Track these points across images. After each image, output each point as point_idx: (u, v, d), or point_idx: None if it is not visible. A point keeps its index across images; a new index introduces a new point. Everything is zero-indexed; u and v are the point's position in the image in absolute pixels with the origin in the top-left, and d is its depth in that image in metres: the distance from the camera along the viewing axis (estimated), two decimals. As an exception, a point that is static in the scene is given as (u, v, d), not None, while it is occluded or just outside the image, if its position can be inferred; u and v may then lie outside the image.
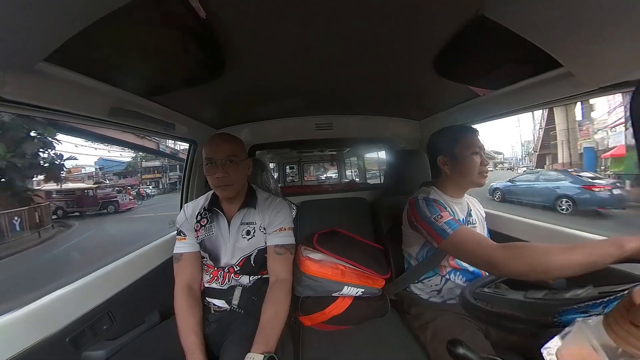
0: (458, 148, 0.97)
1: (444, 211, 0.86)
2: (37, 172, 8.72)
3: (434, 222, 0.84)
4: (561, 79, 0.78)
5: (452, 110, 1.39)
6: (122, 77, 0.79)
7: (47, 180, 9.87)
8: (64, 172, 10.17)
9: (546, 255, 0.62)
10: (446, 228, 0.81)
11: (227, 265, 0.95)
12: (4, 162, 7.48)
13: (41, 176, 9.28)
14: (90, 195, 11.15)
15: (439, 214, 0.85)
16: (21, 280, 4.32)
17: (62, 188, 10.81)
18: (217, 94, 1.06)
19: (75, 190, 11.15)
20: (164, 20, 0.57)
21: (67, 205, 10.58)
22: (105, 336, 0.84)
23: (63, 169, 9.47)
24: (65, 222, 9.46)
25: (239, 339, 0.81)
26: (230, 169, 0.88)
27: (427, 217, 0.87)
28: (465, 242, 0.77)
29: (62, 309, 0.75)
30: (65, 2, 0.43)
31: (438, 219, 0.84)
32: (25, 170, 8.02)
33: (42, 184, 10.15)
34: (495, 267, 0.68)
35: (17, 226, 7.12)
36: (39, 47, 0.51)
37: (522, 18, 0.57)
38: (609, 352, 0.32)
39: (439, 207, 0.88)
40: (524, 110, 1.08)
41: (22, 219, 7.27)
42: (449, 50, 0.77)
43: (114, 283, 0.93)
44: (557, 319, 0.48)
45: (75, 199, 10.81)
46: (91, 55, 0.65)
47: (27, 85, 0.60)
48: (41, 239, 7.40)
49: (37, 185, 9.86)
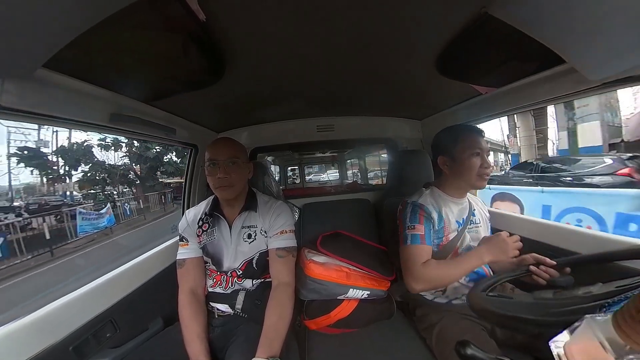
0: (458, 148, 0.95)
1: (420, 224, 0.92)
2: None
3: (405, 228, 0.93)
4: (565, 75, 0.77)
5: (454, 109, 1.38)
6: (122, 82, 0.79)
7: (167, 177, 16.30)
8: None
9: (447, 278, 0.85)
10: (408, 238, 0.90)
11: (230, 269, 0.94)
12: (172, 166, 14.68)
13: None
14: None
15: (413, 225, 0.92)
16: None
17: (169, 182, 16.55)
18: (217, 97, 1.06)
19: (173, 184, 16.37)
20: (163, 23, 0.57)
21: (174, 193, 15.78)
22: (108, 344, 0.84)
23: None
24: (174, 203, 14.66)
25: (243, 343, 0.80)
26: (231, 170, 0.88)
27: (404, 222, 0.95)
28: (405, 256, 0.90)
29: (65, 317, 0.75)
30: (63, 7, 0.43)
31: (410, 228, 0.92)
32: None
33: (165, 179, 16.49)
34: (415, 282, 0.87)
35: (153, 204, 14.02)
36: (38, 54, 0.51)
37: (525, 15, 0.56)
38: (616, 348, 0.33)
39: (419, 217, 0.93)
40: (527, 108, 1.06)
41: (157, 199, 14.39)
42: (451, 49, 0.76)
43: (117, 290, 0.92)
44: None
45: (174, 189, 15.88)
46: (91, 60, 0.65)
47: (27, 93, 0.59)
48: (166, 211, 13.50)
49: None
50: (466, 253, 0.88)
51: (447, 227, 0.96)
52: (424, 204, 0.95)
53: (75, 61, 0.62)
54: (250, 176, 0.99)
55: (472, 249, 0.98)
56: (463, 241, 0.97)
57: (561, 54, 0.63)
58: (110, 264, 1.08)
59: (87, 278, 0.90)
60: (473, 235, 0.99)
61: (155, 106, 1.00)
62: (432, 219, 0.94)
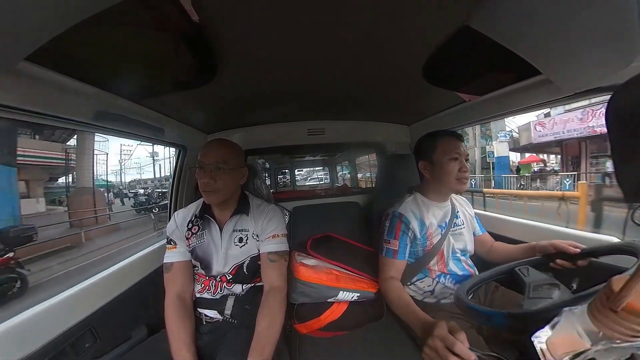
0: (436, 154, 0.98)
1: (396, 239, 0.98)
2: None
3: (382, 241, 1.01)
4: (541, 85, 0.83)
5: (441, 115, 1.43)
6: (109, 79, 0.76)
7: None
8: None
9: (391, 302, 0.89)
10: (383, 250, 0.99)
11: (219, 274, 0.92)
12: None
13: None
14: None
15: (389, 240, 0.99)
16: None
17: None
18: (208, 98, 1.05)
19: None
20: (155, 22, 0.56)
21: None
22: (88, 354, 0.79)
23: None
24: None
25: (233, 350, 0.78)
26: (217, 176, 0.86)
27: (383, 233, 1.02)
28: (380, 264, 1.00)
29: (41, 325, 0.70)
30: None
31: (386, 242, 0.99)
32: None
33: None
34: (380, 286, 0.99)
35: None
36: (21, 45, 0.48)
37: (505, 29, 0.60)
38: (592, 336, 0.35)
39: (396, 232, 0.98)
40: (508, 115, 1.13)
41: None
42: (436, 58, 0.80)
43: (97, 296, 0.88)
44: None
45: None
46: (76, 55, 0.62)
47: (7, 86, 0.57)
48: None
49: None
50: (417, 311, 0.77)
51: (430, 232, 0.99)
52: (403, 214, 0.98)
53: (60, 55, 0.59)
54: (243, 181, 0.97)
55: (457, 252, 1.01)
56: (448, 244, 1.00)
57: (537, 65, 0.68)
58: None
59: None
60: (457, 237, 1.03)
61: (143, 105, 0.98)
62: (412, 229, 0.97)
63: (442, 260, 0.99)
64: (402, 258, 0.97)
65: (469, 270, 1.02)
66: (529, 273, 0.74)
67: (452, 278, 0.99)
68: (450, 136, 1.00)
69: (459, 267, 1.01)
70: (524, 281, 0.69)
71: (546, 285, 0.65)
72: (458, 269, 1.00)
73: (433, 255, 0.98)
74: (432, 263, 0.99)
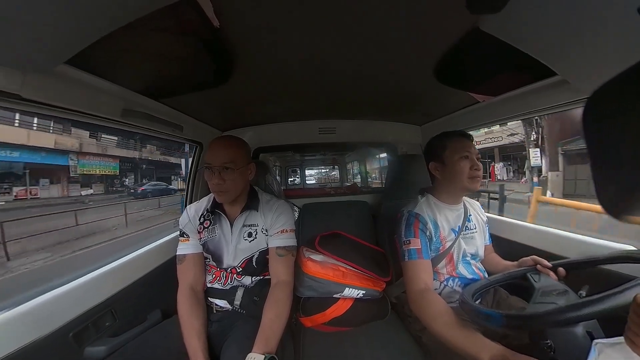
0: (446, 153, 0.97)
1: (416, 237, 0.93)
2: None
3: (402, 244, 0.94)
4: (557, 86, 0.80)
5: (453, 116, 1.41)
6: (135, 79, 0.82)
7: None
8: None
9: (432, 320, 0.77)
10: (406, 254, 0.91)
11: (230, 267, 0.96)
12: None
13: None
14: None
15: (409, 240, 0.93)
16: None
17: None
18: (223, 97, 1.09)
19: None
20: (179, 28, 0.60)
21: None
22: (107, 333, 0.86)
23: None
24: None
25: (240, 339, 0.81)
26: (225, 176, 0.87)
27: (400, 237, 0.96)
28: (406, 273, 0.91)
29: (66, 305, 0.77)
30: (92, 8, 0.45)
31: (406, 243, 0.93)
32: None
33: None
34: (410, 303, 0.87)
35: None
36: (61, 51, 0.54)
37: (516, 31, 0.59)
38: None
39: (414, 230, 0.94)
40: (522, 117, 1.10)
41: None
42: (448, 59, 0.79)
43: (117, 281, 0.94)
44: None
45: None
46: (108, 59, 0.68)
47: (46, 86, 0.62)
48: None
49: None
50: (477, 336, 0.66)
51: (444, 235, 0.97)
52: (420, 213, 0.97)
53: (94, 58, 0.64)
54: (252, 176, 0.98)
55: (467, 255, 0.99)
56: (459, 247, 0.98)
57: (551, 66, 0.67)
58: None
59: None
60: (468, 241, 1.01)
61: (164, 103, 1.03)
62: (428, 229, 0.95)
63: (452, 264, 0.97)
64: (428, 257, 0.90)
65: (478, 274, 0.99)
66: (540, 279, 0.73)
67: (461, 281, 0.97)
68: (459, 136, 0.99)
69: (468, 270, 0.99)
70: (534, 286, 0.68)
71: (555, 291, 0.64)
72: (467, 272, 0.98)
73: (441, 258, 0.97)
74: (441, 266, 0.97)
